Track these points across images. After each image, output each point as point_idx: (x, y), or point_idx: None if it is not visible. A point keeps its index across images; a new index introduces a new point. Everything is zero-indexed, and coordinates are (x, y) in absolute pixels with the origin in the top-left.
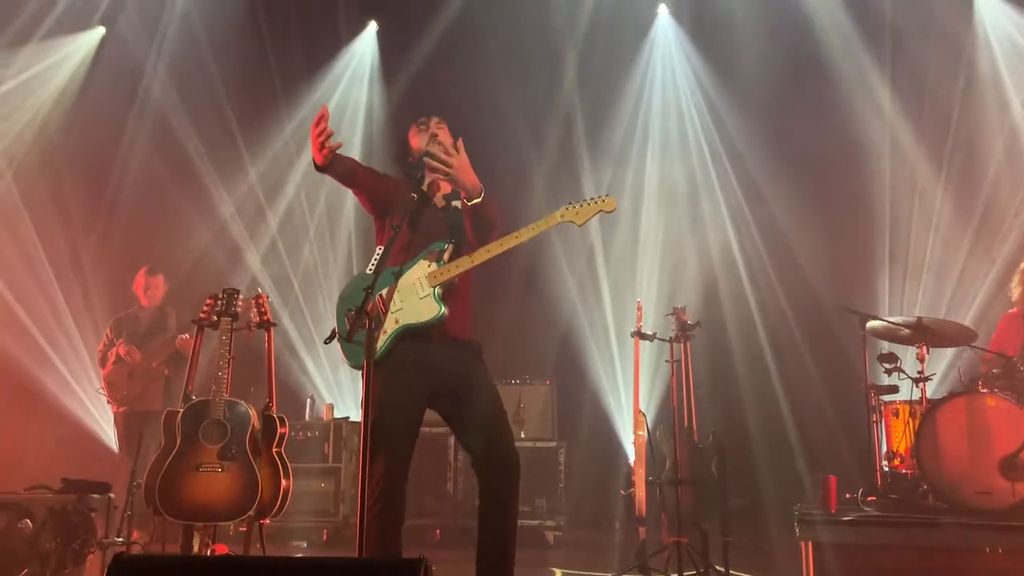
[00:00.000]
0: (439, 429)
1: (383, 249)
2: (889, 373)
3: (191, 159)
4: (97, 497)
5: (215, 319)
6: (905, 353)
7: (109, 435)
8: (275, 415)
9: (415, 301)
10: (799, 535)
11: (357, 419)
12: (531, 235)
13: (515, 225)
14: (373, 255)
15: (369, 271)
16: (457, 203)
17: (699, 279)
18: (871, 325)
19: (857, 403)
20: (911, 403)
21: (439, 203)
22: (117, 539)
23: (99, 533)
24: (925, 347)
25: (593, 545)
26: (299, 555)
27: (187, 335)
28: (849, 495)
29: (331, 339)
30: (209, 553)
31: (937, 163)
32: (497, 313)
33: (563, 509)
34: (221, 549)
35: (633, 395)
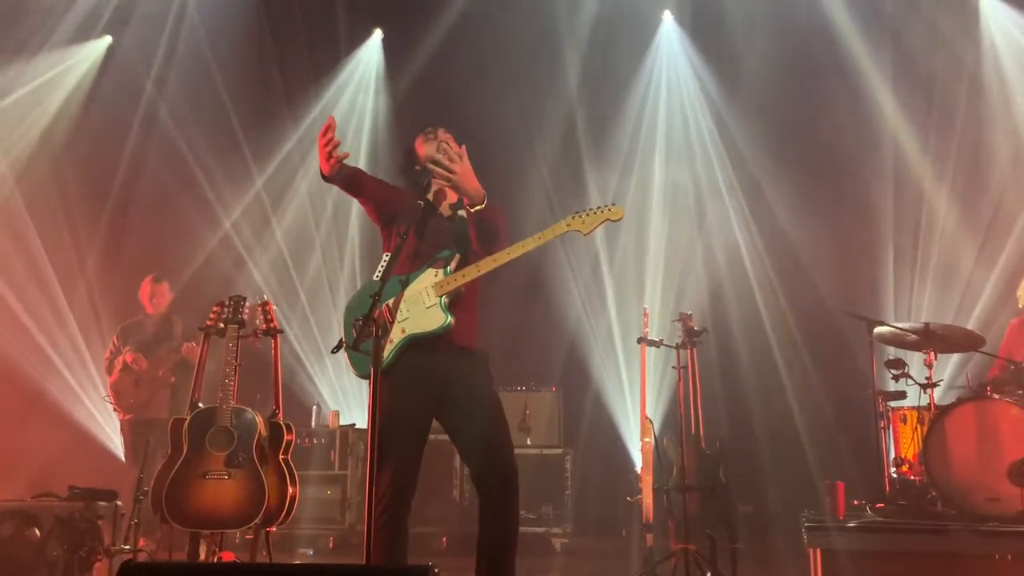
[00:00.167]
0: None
1: (390, 257)
2: (896, 379)
3: (197, 167)
4: (104, 505)
5: (222, 326)
6: (912, 359)
7: (116, 443)
8: (282, 422)
9: (421, 310)
10: (807, 542)
11: (363, 426)
12: (537, 244)
13: (520, 233)
14: (379, 263)
15: (376, 278)
16: (463, 212)
17: (705, 285)
18: (878, 331)
19: (864, 409)
20: (919, 409)
21: (445, 212)
22: (124, 547)
23: (106, 541)
24: (933, 353)
25: (600, 552)
26: (306, 563)
27: (193, 343)
28: (857, 501)
29: (338, 349)
30: (216, 560)
31: (943, 167)
32: (503, 321)
33: (569, 516)
34: (228, 557)
35: (640, 402)
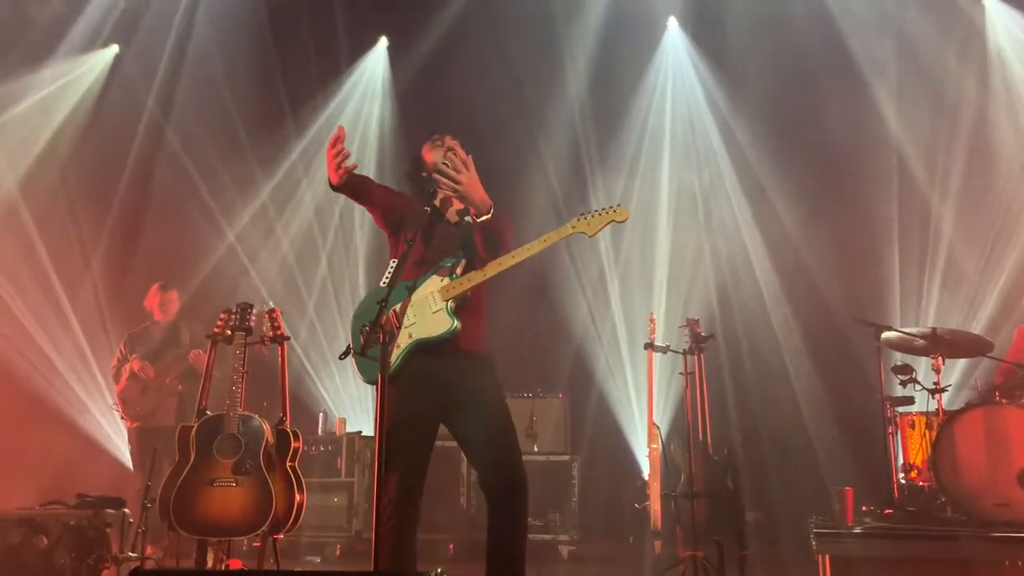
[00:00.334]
0: (451, 443)
1: (396, 263)
2: (904, 384)
3: (203, 176)
4: (112, 512)
5: (229, 334)
6: (919, 364)
7: (123, 451)
8: (289, 429)
9: (428, 316)
10: (816, 548)
11: (370, 433)
12: (542, 247)
13: (525, 237)
14: (387, 269)
15: (383, 284)
16: (470, 218)
17: (712, 290)
18: (886, 336)
19: (872, 415)
20: (927, 414)
21: (452, 218)
22: (131, 554)
23: (113, 548)
24: (940, 358)
25: (607, 559)
26: (313, 570)
27: (200, 350)
28: (865, 507)
29: (346, 355)
30: (223, 568)
31: (950, 171)
32: (509, 327)
33: (576, 523)
34: (235, 564)
35: (647, 408)
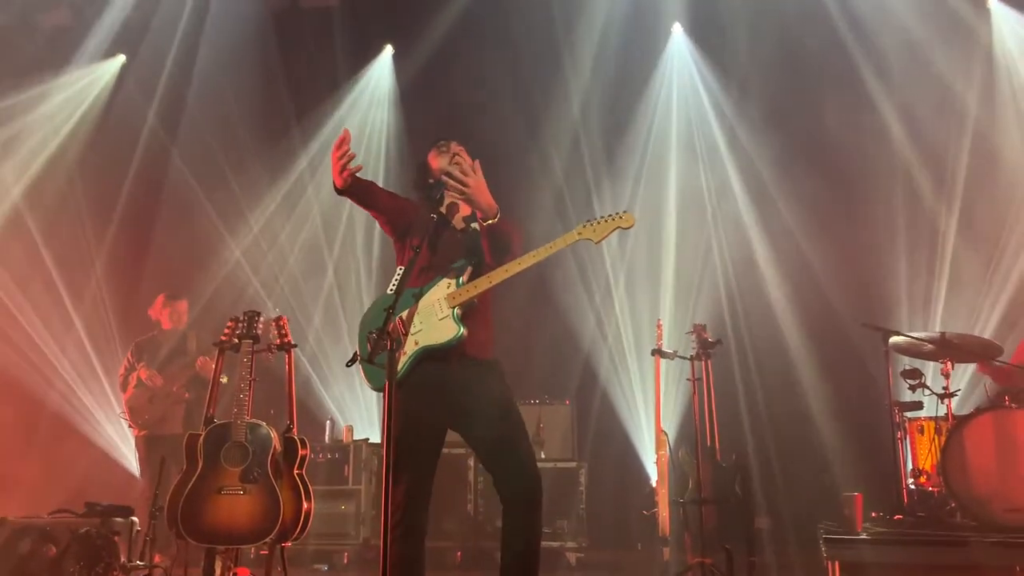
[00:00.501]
0: (458, 450)
1: (403, 270)
2: (913, 389)
3: (210, 185)
4: (120, 521)
5: (236, 341)
6: (927, 369)
7: (131, 459)
8: (296, 437)
9: (434, 322)
10: (826, 554)
11: (377, 440)
12: (548, 253)
13: (531, 243)
14: (394, 276)
15: (390, 291)
16: (476, 224)
17: (719, 296)
18: (894, 341)
19: (881, 420)
20: (936, 419)
21: (458, 225)
22: (139, 563)
23: (122, 557)
24: (949, 362)
25: (616, 566)
26: None
27: (207, 357)
28: (875, 513)
29: (353, 362)
30: None
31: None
32: (516, 333)
33: (585, 530)
34: (243, 573)
35: (655, 414)
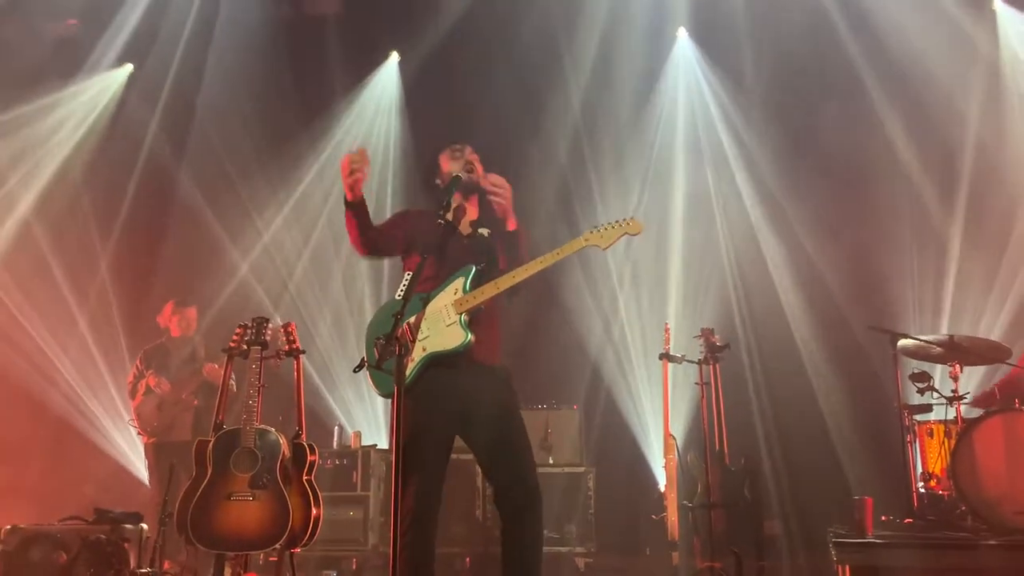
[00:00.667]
0: (467, 456)
1: (411, 275)
2: (922, 392)
3: (218, 192)
4: (130, 528)
5: (245, 348)
6: (935, 372)
7: (140, 466)
8: (305, 443)
9: (442, 329)
10: (836, 558)
11: (385, 446)
12: (555, 260)
13: (538, 250)
14: (401, 281)
15: (398, 297)
16: (483, 230)
17: (727, 300)
18: (902, 344)
19: (890, 423)
20: (945, 423)
21: (465, 230)
22: (149, 569)
23: (132, 563)
24: (958, 365)
25: (624, 571)
26: None
27: (215, 364)
28: (885, 517)
29: (360, 368)
30: None
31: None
32: (523, 338)
33: (593, 535)
34: None
35: (663, 419)
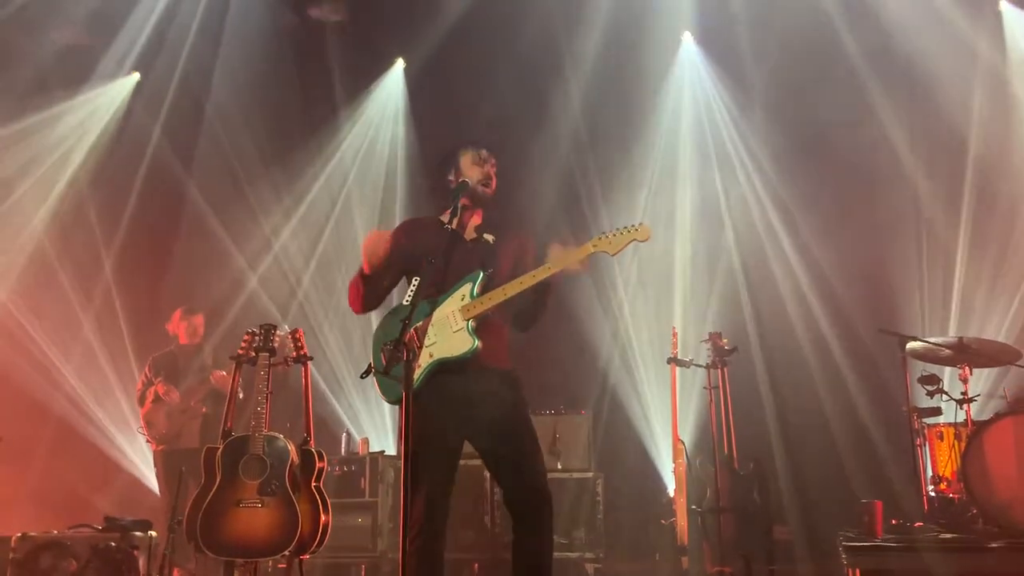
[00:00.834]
0: (475, 461)
1: (417, 281)
2: (931, 395)
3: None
4: (139, 535)
5: (253, 355)
6: (944, 374)
7: (144, 473)
8: (313, 449)
9: (449, 335)
10: (847, 562)
11: (392, 452)
12: (563, 266)
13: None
14: (408, 287)
15: (405, 303)
16: (489, 236)
17: (734, 303)
18: (911, 346)
19: (899, 426)
20: (956, 425)
21: (470, 235)
22: None
23: (141, 571)
24: (968, 367)
25: None
26: None
27: (223, 371)
28: (895, 521)
29: (367, 374)
30: None
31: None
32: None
33: (602, 541)
34: None
35: (672, 423)
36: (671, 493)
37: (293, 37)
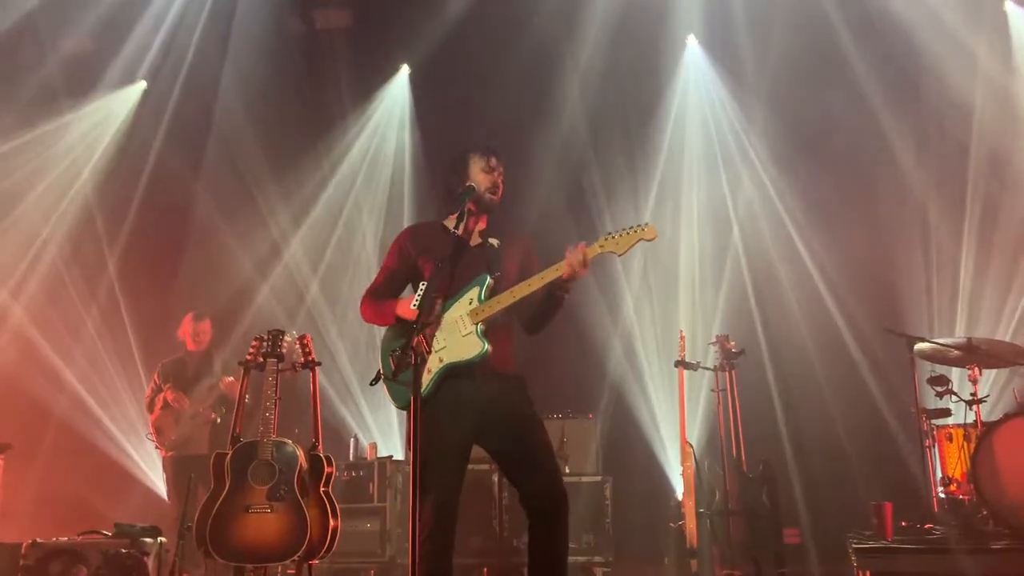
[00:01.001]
0: (483, 466)
1: (425, 286)
2: (940, 396)
3: (232, 207)
4: (149, 541)
5: (261, 360)
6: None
7: (152, 479)
8: (322, 455)
9: (458, 339)
10: (857, 564)
11: (401, 458)
12: (570, 265)
13: (551, 257)
14: (416, 292)
15: (412, 307)
16: (494, 240)
17: (742, 306)
18: (919, 347)
19: (908, 428)
20: (965, 427)
21: (475, 240)
22: None
23: None
24: (977, 368)
25: None
26: None
27: (231, 378)
28: (904, 523)
29: (376, 381)
30: None
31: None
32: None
33: (611, 544)
34: None
35: (679, 426)
36: (680, 496)
37: (299, 44)
